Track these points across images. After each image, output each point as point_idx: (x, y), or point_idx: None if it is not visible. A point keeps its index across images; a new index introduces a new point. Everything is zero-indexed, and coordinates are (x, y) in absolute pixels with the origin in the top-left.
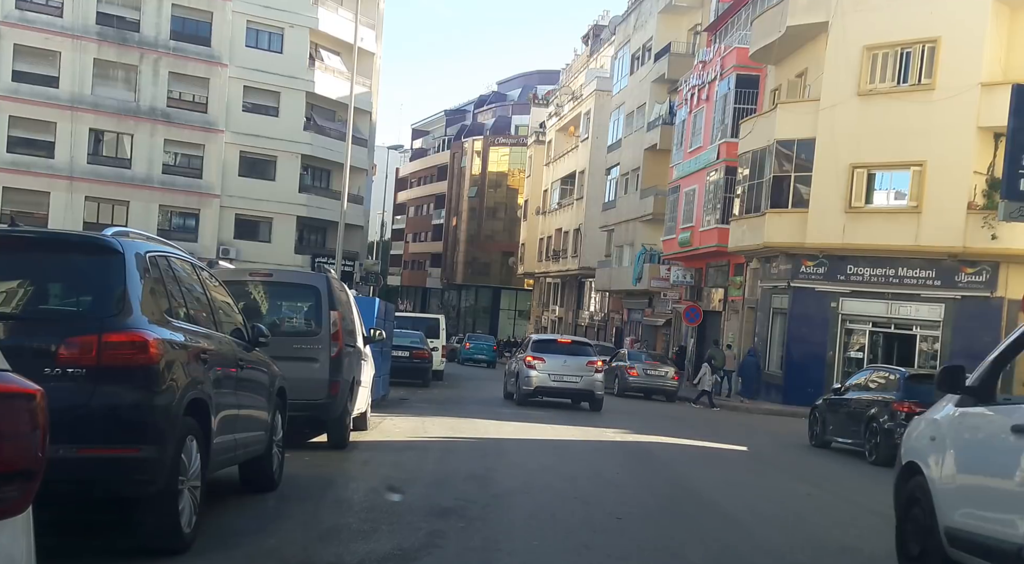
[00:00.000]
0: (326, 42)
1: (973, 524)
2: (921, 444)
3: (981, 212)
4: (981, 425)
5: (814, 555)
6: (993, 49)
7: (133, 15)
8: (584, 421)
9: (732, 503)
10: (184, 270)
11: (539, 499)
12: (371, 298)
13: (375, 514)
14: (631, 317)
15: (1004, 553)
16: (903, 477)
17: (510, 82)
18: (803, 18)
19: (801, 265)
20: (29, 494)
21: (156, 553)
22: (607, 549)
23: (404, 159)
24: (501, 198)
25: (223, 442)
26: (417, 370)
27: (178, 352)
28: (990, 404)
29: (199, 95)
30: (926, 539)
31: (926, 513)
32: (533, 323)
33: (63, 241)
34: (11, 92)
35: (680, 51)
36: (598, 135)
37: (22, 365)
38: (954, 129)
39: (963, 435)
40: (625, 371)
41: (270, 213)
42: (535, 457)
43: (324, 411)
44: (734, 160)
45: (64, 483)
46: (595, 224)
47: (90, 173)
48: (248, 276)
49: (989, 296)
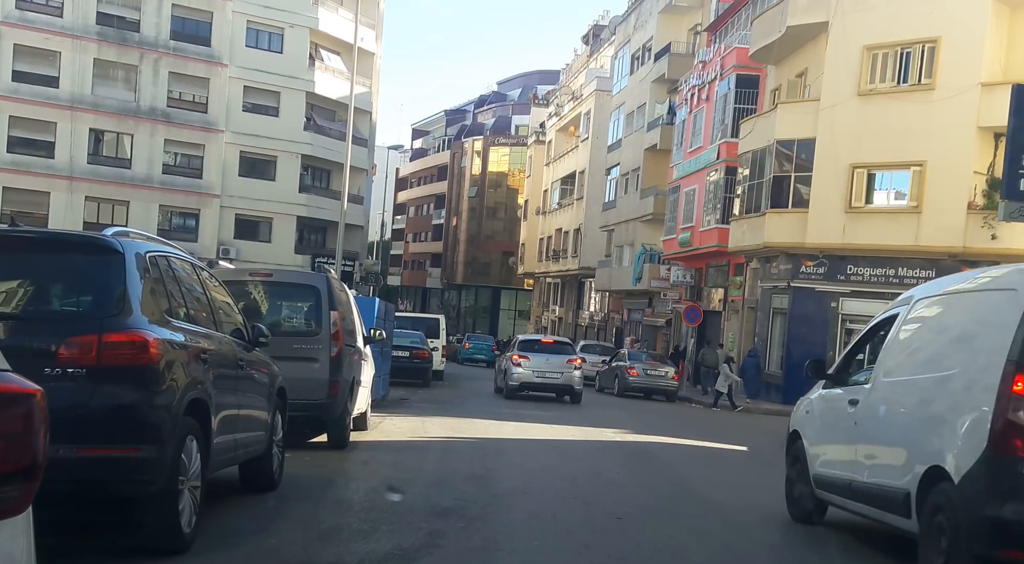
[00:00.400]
0: (326, 42)
1: (827, 471)
2: (800, 417)
3: (981, 212)
4: (833, 401)
5: (814, 555)
6: (993, 49)
7: (133, 15)
8: (584, 421)
9: (732, 503)
10: (184, 270)
11: (539, 499)
12: (371, 298)
13: (375, 514)
14: (631, 317)
15: (841, 487)
16: (790, 442)
17: (510, 82)
18: (803, 18)
19: (801, 265)
20: (29, 494)
21: (156, 553)
22: (607, 549)
23: (404, 159)
24: (501, 198)
25: (223, 442)
26: (417, 370)
27: (178, 352)
28: (843, 386)
29: (199, 95)
30: (803, 485)
31: (803, 466)
32: (533, 323)
33: (63, 241)
34: (11, 92)
35: (680, 51)
36: (598, 135)
37: (22, 365)
38: (954, 129)
39: (823, 409)
40: (625, 371)
41: (270, 213)
42: (535, 457)
43: (324, 411)
44: (734, 160)
45: (64, 483)
46: (595, 224)
47: (90, 173)
48: (248, 276)
49: None
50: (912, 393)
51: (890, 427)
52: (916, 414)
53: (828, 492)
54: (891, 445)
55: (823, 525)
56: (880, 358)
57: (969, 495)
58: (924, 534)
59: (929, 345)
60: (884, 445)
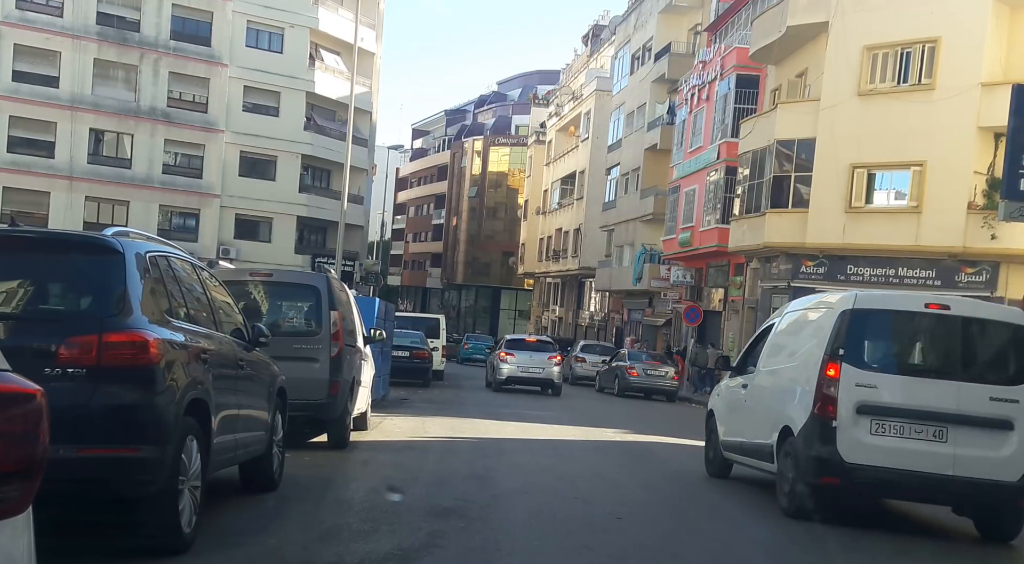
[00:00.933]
0: (326, 42)
1: (728, 438)
2: (713, 400)
3: (981, 212)
4: (732, 386)
5: (815, 554)
6: (993, 49)
7: (133, 15)
8: (584, 421)
9: (732, 503)
10: (184, 270)
11: (539, 499)
12: (371, 298)
13: (375, 514)
14: (631, 317)
15: (736, 448)
16: (707, 419)
17: (510, 82)
18: (803, 18)
19: (801, 265)
20: (29, 494)
21: (156, 553)
22: (607, 549)
23: (404, 159)
24: (501, 198)
25: (223, 442)
26: (417, 370)
27: (178, 352)
28: (741, 375)
29: (199, 95)
30: (714, 450)
31: (714, 436)
32: (533, 323)
33: (63, 241)
34: (11, 92)
35: (680, 51)
36: (598, 135)
37: (22, 365)
38: (954, 129)
39: (726, 393)
40: (625, 371)
41: (270, 213)
42: (535, 457)
43: (324, 411)
44: (734, 160)
45: (64, 483)
46: (595, 224)
47: (90, 173)
48: (248, 276)
49: (989, 296)
50: (776, 378)
51: (763, 402)
52: (777, 392)
53: (730, 452)
54: (763, 415)
55: (823, 525)
56: (761, 353)
57: (803, 443)
58: (780, 472)
59: (788, 345)
60: (759, 415)
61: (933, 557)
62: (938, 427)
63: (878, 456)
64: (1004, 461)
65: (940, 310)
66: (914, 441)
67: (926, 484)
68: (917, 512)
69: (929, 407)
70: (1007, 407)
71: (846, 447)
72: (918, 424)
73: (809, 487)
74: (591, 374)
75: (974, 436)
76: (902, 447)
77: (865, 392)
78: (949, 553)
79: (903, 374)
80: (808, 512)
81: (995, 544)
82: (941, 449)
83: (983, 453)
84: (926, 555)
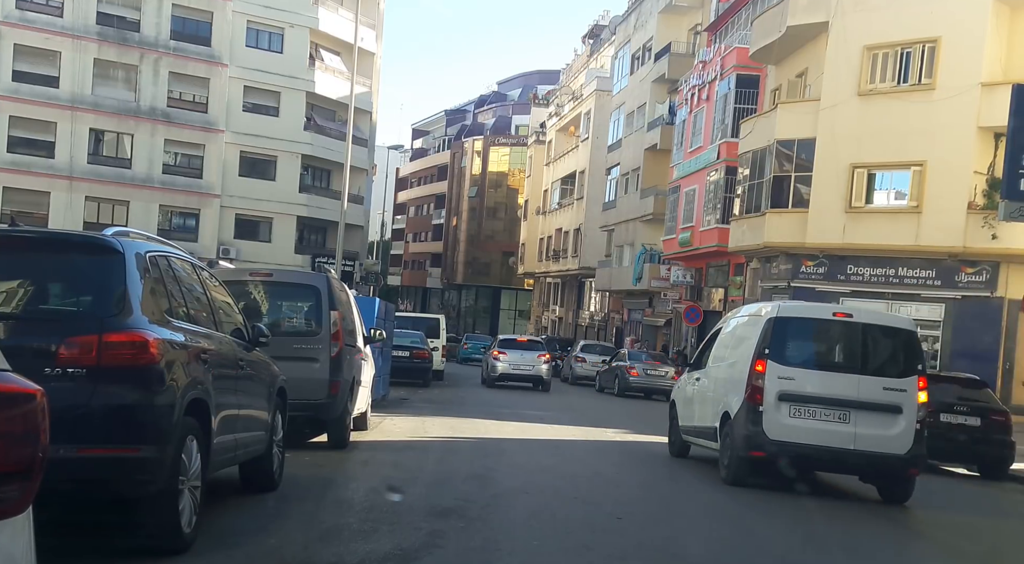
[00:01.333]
0: (326, 42)
1: (686, 423)
2: (675, 391)
3: (981, 212)
4: (690, 379)
5: (814, 554)
6: (993, 49)
7: (133, 15)
8: (584, 421)
9: (732, 502)
10: (184, 270)
11: (539, 499)
12: (371, 298)
13: (375, 514)
14: (631, 317)
15: (691, 431)
16: (670, 408)
17: (510, 82)
18: (803, 18)
19: (801, 265)
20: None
21: (156, 553)
22: (607, 549)
23: (404, 159)
24: (501, 198)
25: (223, 442)
26: (417, 370)
27: (178, 352)
28: (698, 369)
29: (199, 95)
30: (676, 434)
31: (675, 422)
32: (533, 323)
33: (63, 241)
34: (11, 92)
35: (680, 51)
36: (598, 135)
37: (22, 365)
38: (954, 129)
39: (684, 385)
40: (625, 371)
41: (270, 213)
42: (535, 457)
43: (324, 411)
44: (734, 160)
45: (64, 483)
46: (595, 224)
47: (90, 173)
48: (248, 276)
49: (989, 296)
50: (720, 372)
51: (710, 393)
52: (720, 385)
53: (687, 435)
54: (710, 403)
55: (824, 525)
56: (711, 353)
57: (738, 424)
58: (721, 448)
59: (730, 346)
60: (707, 404)
61: (844, 514)
62: (842, 411)
63: (795, 434)
64: (894, 438)
65: (845, 318)
66: (823, 422)
67: (833, 456)
68: (834, 481)
69: (835, 395)
70: (897, 395)
71: (770, 427)
72: (827, 408)
73: (742, 460)
74: (591, 374)
75: (871, 418)
76: (814, 427)
77: (785, 383)
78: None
79: (815, 368)
80: (743, 480)
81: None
82: (845, 428)
83: (878, 431)
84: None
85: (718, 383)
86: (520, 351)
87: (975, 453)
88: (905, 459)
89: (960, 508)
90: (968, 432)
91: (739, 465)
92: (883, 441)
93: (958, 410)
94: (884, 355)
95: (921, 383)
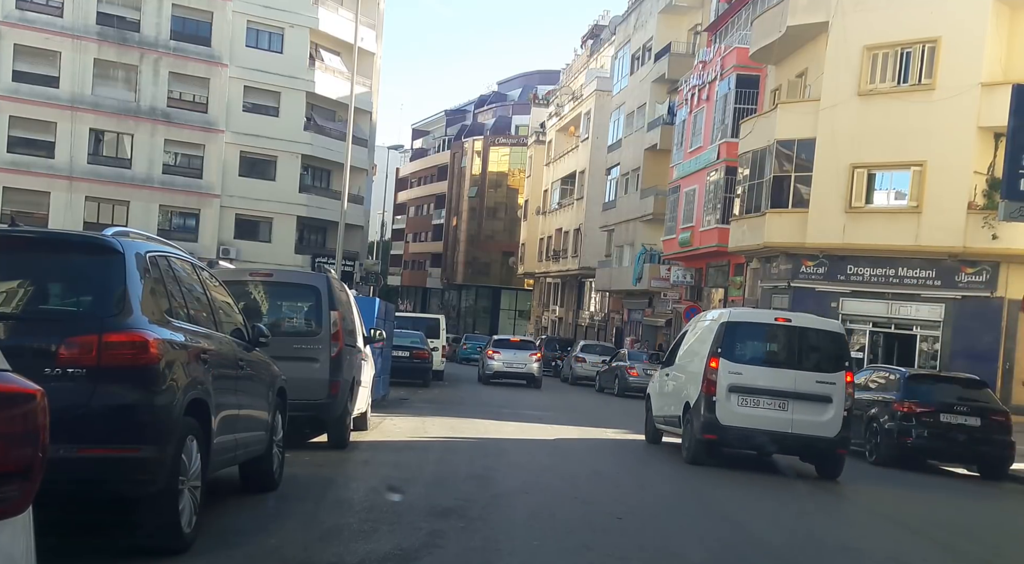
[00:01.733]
0: (326, 42)
1: (658, 413)
2: (650, 386)
3: (981, 212)
4: (662, 375)
5: (814, 555)
6: (993, 49)
7: (133, 15)
8: (584, 421)
9: (732, 502)
10: (184, 270)
11: (539, 499)
12: (371, 298)
13: (375, 514)
14: (631, 317)
15: (662, 419)
16: (646, 400)
17: (510, 82)
18: (803, 18)
19: (801, 265)
20: (29, 494)
21: (156, 553)
22: (607, 549)
23: (404, 159)
24: (501, 198)
25: (223, 442)
26: (417, 370)
27: (178, 352)
28: (669, 367)
29: (199, 95)
30: (651, 423)
31: (649, 414)
32: (533, 323)
33: (63, 241)
34: (11, 92)
35: (680, 51)
36: (598, 135)
37: (22, 365)
38: (954, 129)
39: (658, 380)
40: (625, 371)
41: (270, 213)
42: (535, 457)
43: (324, 411)
44: (734, 160)
45: (64, 483)
46: (595, 224)
47: (90, 173)
48: (248, 276)
49: (989, 296)
50: (684, 368)
51: (676, 386)
52: (684, 379)
53: (659, 424)
54: (676, 394)
55: (823, 525)
56: (679, 352)
57: (696, 412)
58: (683, 434)
59: (692, 346)
60: (674, 396)
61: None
62: (781, 400)
63: (743, 420)
64: (825, 423)
65: (784, 322)
66: (765, 410)
67: (774, 439)
68: (780, 461)
69: (776, 387)
70: (827, 387)
71: (722, 414)
72: (768, 398)
73: (699, 442)
74: (591, 374)
75: (805, 407)
76: (758, 414)
77: (734, 377)
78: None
79: (759, 365)
80: (701, 460)
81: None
82: (783, 415)
83: (811, 418)
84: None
85: (683, 378)
86: (513, 350)
87: (975, 453)
88: (834, 441)
89: (960, 508)
90: (968, 432)
91: (697, 447)
92: (815, 426)
93: (958, 410)
94: (817, 354)
95: (848, 377)
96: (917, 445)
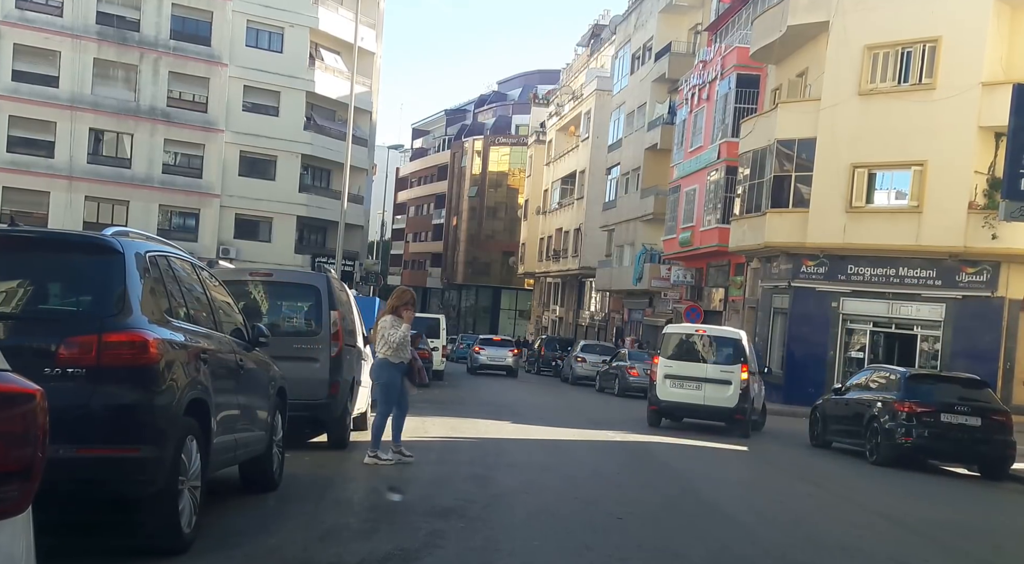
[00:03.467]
0: (326, 42)
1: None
2: (654, 376)
3: (982, 212)
4: (656, 366)
5: (814, 555)
6: (994, 48)
7: (133, 15)
8: (584, 421)
9: (732, 503)
10: (184, 270)
11: (539, 499)
12: (371, 298)
13: (375, 514)
14: (631, 317)
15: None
16: (650, 388)
17: (510, 82)
18: (804, 18)
19: (802, 265)
20: (29, 494)
21: (156, 553)
22: (608, 549)
23: (404, 159)
24: (501, 198)
25: (223, 442)
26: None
27: (178, 352)
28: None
29: (199, 95)
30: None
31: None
32: (533, 323)
33: (63, 241)
34: (11, 92)
35: (680, 51)
36: (598, 135)
37: (22, 365)
38: (955, 129)
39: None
40: (626, 371)
41: (270, 213)
42: (535, 457)
43: (324, 411)
44: (735, 160)
45: (64, 483)
46: (595, 224)
47: (90, 173)
48: (248, 276)
49: (990, 296)
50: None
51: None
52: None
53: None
54: None
55: (823, 525)
56: None
57: (650, 392)
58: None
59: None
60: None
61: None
62: (698, 383)
63: (673, 396)
64: (727, 398)
65: (702, 333)
66: (687, 390)
67: (692, 409)
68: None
69: (694, 375)
70: (728, 375)
71: (661, 393)
72: (690, 382)
73: (649, 412)
74: (591, 374)
75: (714, 388)
76: (682, 392)
77: (668, 368)
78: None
79: (683, 360)
80: (655, 423)
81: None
82: (699, 393)
83: (718, 395)
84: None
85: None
86: (495, 347)
87: (975, 453)
88: (733, 409)
89: (960, 508)
90: (968, 432)
91: (649, 415)
92: (721, 400)
93: (959, 410)
94: (722, 352)
95: (743, 368)
96: (917, 445)
